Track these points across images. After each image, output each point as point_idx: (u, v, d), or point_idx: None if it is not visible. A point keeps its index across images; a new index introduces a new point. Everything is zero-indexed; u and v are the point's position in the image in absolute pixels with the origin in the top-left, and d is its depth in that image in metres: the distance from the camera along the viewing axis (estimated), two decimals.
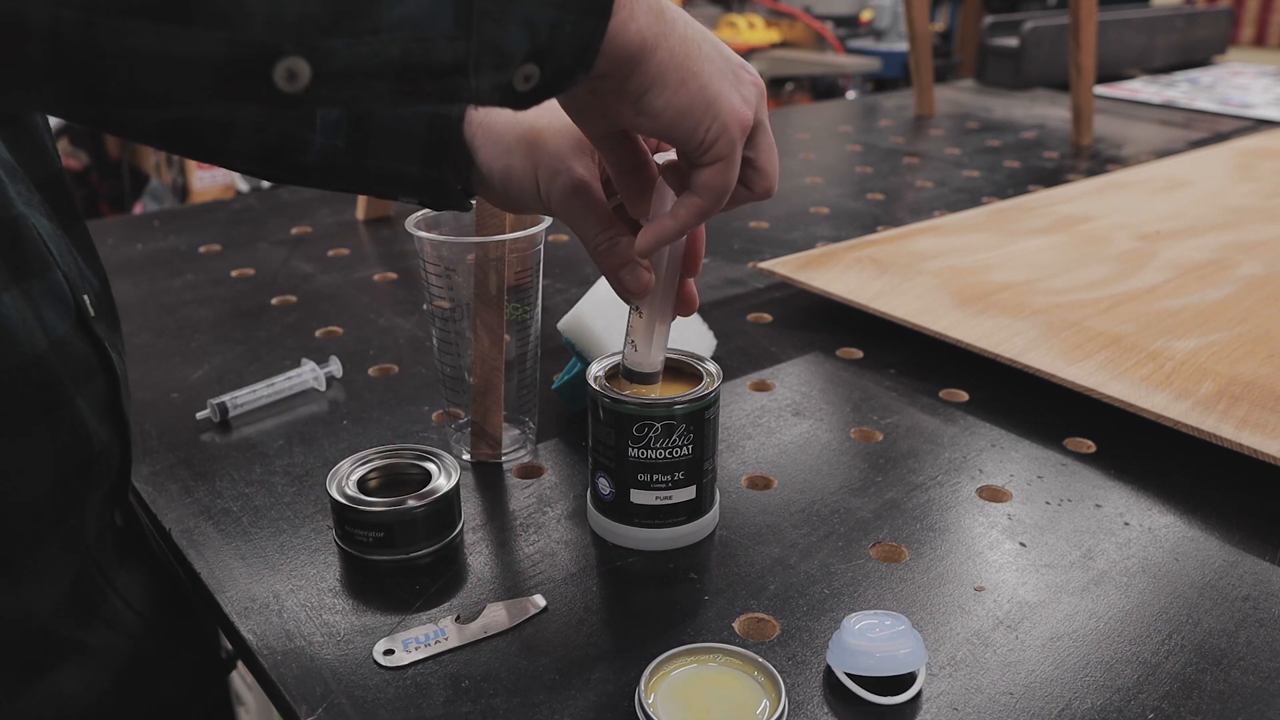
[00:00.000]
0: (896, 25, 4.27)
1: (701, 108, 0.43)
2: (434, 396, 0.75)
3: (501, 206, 0.58)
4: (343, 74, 0.33)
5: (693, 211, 0.46)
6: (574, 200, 0.51)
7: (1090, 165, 1.46)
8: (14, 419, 0.48)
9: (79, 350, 0.52)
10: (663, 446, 0.56)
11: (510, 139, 0.53)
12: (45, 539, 0.50)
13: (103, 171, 2.90)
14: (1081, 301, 0.87)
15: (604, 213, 0.51)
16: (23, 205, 0.50)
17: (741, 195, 0.48)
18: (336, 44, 0.32)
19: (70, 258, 0.54)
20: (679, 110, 0.42)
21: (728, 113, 0.43)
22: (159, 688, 0.58)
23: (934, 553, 0.59)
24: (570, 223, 0.52)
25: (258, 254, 1.06)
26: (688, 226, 0.47)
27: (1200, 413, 0.69)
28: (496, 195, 0.56)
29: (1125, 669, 0.50)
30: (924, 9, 1.69)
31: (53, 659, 0.52)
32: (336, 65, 0.32)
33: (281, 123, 0.57)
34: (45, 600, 0.51)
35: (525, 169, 0.52)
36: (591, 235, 0.51)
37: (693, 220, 0.47)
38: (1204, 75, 2.25)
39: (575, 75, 0.38)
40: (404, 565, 0.57)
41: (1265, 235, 1.06)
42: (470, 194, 0.57)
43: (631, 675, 0.49)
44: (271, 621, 0.53)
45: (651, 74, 0.41)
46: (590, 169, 0.52)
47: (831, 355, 0.84)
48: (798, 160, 1.48)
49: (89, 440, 0.52)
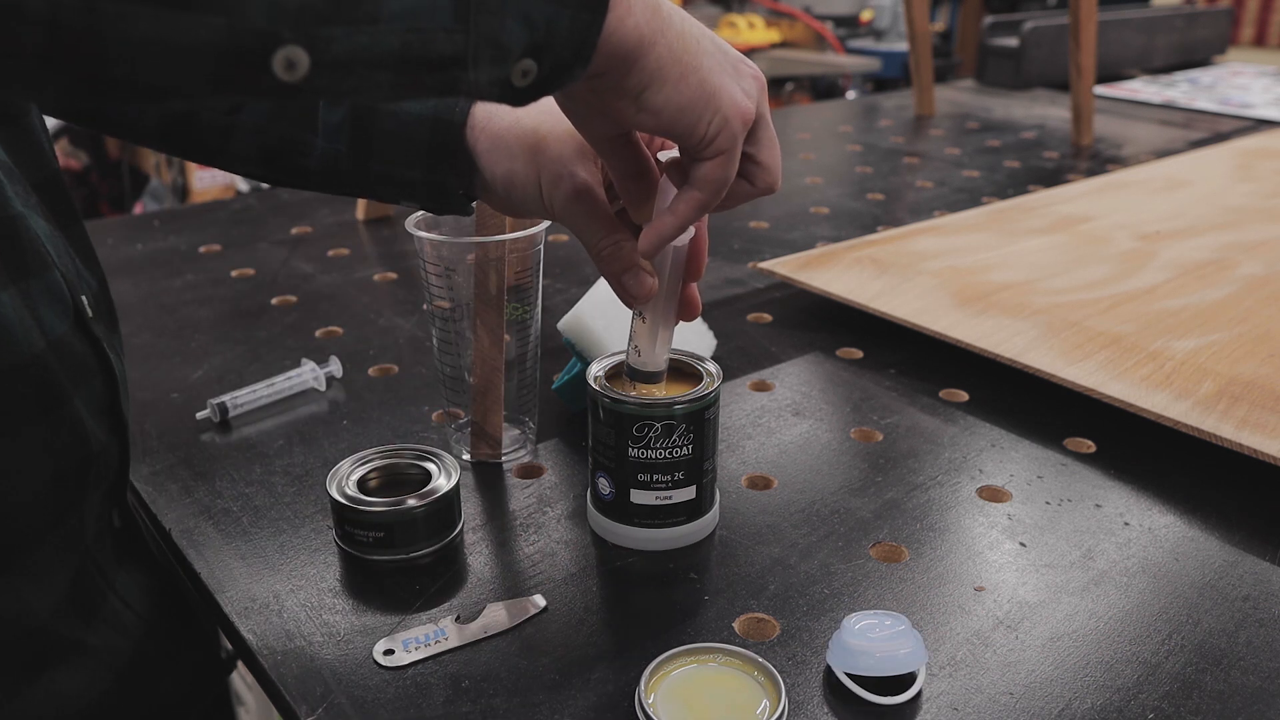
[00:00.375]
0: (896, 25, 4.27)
1: (702, 102, 0.42)
2: (434, 396, 0.75)
3: (503, 211, 0.58)
4: (341, 63, 0.33)
5: (692, 205, 0.46)
6: (577, 205, 0.51)
7: (1090, 165, 1.46)
8: (11, 419, 0.48)
9: (77, 350, 0.52)
10: (663, 446, 0.56)
11: (513, 144, 0.53)
12: (44, 539, 0.50)
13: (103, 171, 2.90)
14: (1081, 301, 0.87)
15: (607, 218, 0.51)
16: (20, 205, 0.50)
17: (745, 191, 0.48)
18: (335, 32, 0.32)
19: (68, 258, 0.54)
20: (680, 106, 0.42)
21: (729, 106, 0.43)
22: (158, 688, 0.58)
23: (934, 553, 0.59)
24: (573, 228, 0.52)
25: (258, 254, 1.06)
26: (688, 221, 0.47)
27: (1200, 413, 0.69)
28: (499, 200, 0.56)
29: (1125, 669, 0.50)
30: (924, 9, 1.69)
31: (51, 658, 0.52)
32: (334, 54, 0.32)
33: (282, 124, 0.57)
34: (44, 600, 0.51)
35: (528, 174, 0.52)
36: (595, 240, 0.51)
37: (692, 214, 0.46)
38: (1204, 75, 2.25)
39: (573, 70, 0.38)
40: (404, 565, 0.57)
41: (1265, 235, 1.06)
42: (472, 198, 0.57)
43: (631, 675, 0.49)
44: (271, 621, 0.53)
45: (650, 69, 0.41)
46: (593, 174, 0.51)
47: (831, 355, 0.84)
48: (798, 160, 1.48)
49: (87, 440, 0.52)
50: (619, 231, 0.51)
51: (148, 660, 0.57)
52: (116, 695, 0.54)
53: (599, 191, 0.51)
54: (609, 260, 0.51)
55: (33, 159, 0.54)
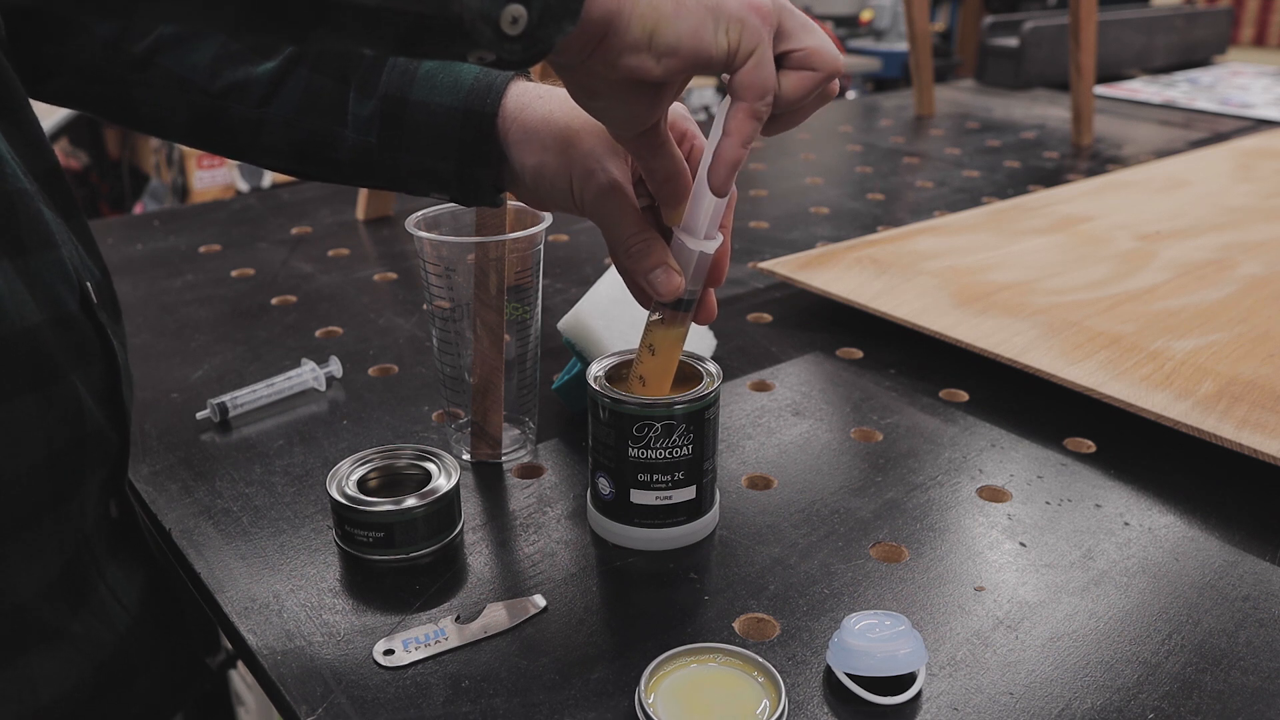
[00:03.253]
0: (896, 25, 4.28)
1: (710, 18, 0.42)
2: (434, 396, 0.75)
3: (530, 204, 0.58)
4: None
5: (742, 118, 0.44)
6: (608, 201, 0.51)
7: (1090, 165, 1.46)
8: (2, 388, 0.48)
9: (80, 332, 0.52)
10: (663, 446, 0.56)
11: (545, 137, 0.53)
12: (40, 518, 0.50)
13: (103, 171, 2.90)
14: (1081, 301, 0.87)
15: (636, 214, 0.51)
16: (22, 184, 0.50)
17: (810, 82, 0.45)
18: None
19: (72, 246, 0.54)
20: (692, 31, 0.41)
21: (737, 6, 0.42)
22: (136, 685, 0.57)
23: (934, 553, 0.59)
24: (602, 223, 0.52)
25: (258, 254, 1.06)
26: (748, 136, 0.45)
27: (1200, 413, 0.69)
28: (526, 192, 0.56)
29: (1125, 669, 0.50)
30: (924, 9, 1.69)
31: (30, 641, 0.51)
32: None
33: (312, 117, 0.58)
34: (33, 580, 0.51)
35: (559, 168, 0.52)
36: (624, 237, 0.51)
37: (747, 128, 0.45)
38: (1204, 75, 2.25)
39: (562, 23, 0.38)
40: (404, 565, 0.57)
41: (1265, 235, 1.06)
42: (500, 190, 0.57)
43: (631, 675, 0.49)
44: (271, 621, 0.53)
45: (646, 11, 0.40)
46: (624, 171, 0.52)
47: (831, 355, 0.84)
48: (798, 160, 1.48)
49: (83, 420, 0.51)
50: (648, 229, 0.51)
51: (129, 656, 0.57)
52: (93, 687, 0.54)
53: (629, 188, 0.52)
54: (638, 256, 0.51)
55: (32, 151, 0.54)
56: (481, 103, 0.54)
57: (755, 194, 1.30)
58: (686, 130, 0.53)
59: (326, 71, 0.58)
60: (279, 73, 0.58)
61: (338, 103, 0.58)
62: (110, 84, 0.61)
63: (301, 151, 0.59)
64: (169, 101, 0.60)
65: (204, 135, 0.61)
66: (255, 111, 0.59)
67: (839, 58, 0.46)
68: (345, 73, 0.58)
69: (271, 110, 0.59)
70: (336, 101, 0.58)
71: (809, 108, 0.47)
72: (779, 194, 1.31)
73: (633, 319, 0.61)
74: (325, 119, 0.58)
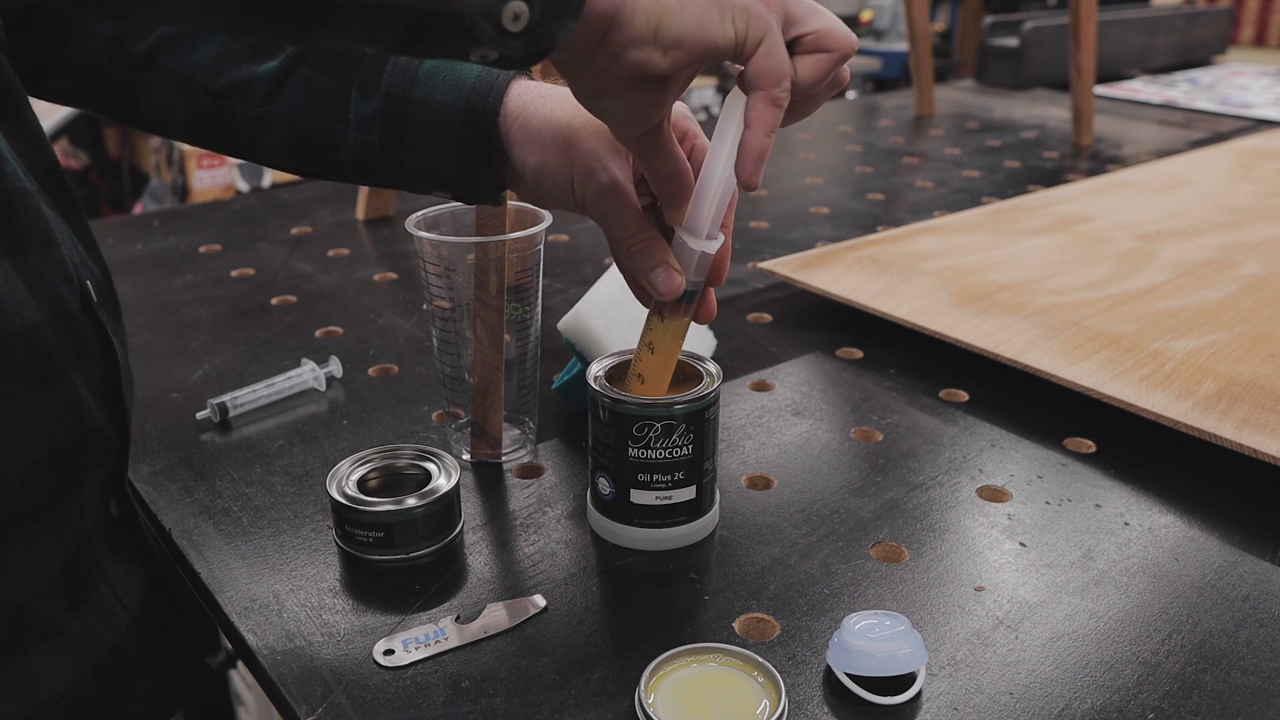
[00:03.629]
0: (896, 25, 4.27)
1: (715, 7, 0.41)
2: (434, 396, 0.75)
3: (531, 202, 0.59)
4: None
5: (762, 105, 0.44)
6: (609, 200, 0.51)
7: (1090, 165, 1.46)
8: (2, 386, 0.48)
9: (80, 331, 0.52)
10: (663, 446, 0.56)
11: (547, 136, 0.53)
12: (42, 515, 0.50)
13: (103, 171, 2.89)
14: (1081, 301, 0.87)
15: (637, 213, 0.51)
16: (22, 183, 0.50)
17: (826, 64, 0.45)
18: None
19: (72, 245, 0.54)
20: (698, 22, 0.41)
21: None
22: (135, 684, 0.57)
23: (934, 553, 0.59)
24: (603, 222, 0.52)
25: (258, 254, 1.06)
26: (771, 125, 0.44)
27: (1200, 413, 0.69)
28: (527, 190, 0.56)
29: (1125, 669, 0.50)
30: (924, 9, 1.69)
31: (29, 639, 0.51)
32: None
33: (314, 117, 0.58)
34: (34, 578, 0.51)
35: (560, 166, 0.53)
36: (625, 236, 0.51)
37: (768, 115, 0.44)
38: (1204, 75, 2.25)
39: (565, 19, 0.38)
40: (404, 565, 0.57)
41: (1265, 235, 1.06)
42: (502, 188, 0.57)
43: (631, 675, 0.49)
44: (271, 621, 0.53)
45: (649, 5, 0.40)
46: (625, 170, 0.52)
47: (831, 355, 0.84)
48: (798, 160, 1.48)
49: (84, 418, 0.51)
50: (649, 228, 0.51)
51: (129, 655, 0.57)
52: (92, 685, 0.54)
53: (630, 187, 0.52)
54: (640, 255, 0.51)
55: (32, 150, 0.54)
56: (483, 101, 0.54)
57: (755, 194, 1.30)
58: (688, 130, 0.53)
59: (328, 70, 0.58)
60: (281, 71, 0.59)
61: (339, 101, 0.58)
62: (111, 83, 0.61)
63: (303, 150, 0.60)
64: (171, 101, 0.60)
65: (206, 134, 0.61)
66: (257, 110, 0.59)
67: (852, 36, 0.45)
68: (347, 71, 0.58)
69: (273, 109, 0.59)
70: (338, 100, 0.58)
71: (823, 94, 0.46)
72: (779, 194, 1.31)
73: (633, 319, 0.61)
74: (327, 118, 0.58)
